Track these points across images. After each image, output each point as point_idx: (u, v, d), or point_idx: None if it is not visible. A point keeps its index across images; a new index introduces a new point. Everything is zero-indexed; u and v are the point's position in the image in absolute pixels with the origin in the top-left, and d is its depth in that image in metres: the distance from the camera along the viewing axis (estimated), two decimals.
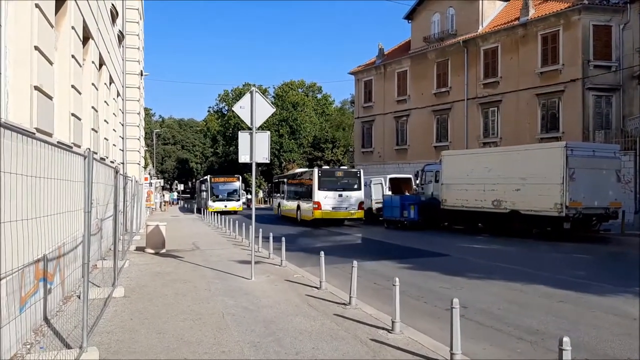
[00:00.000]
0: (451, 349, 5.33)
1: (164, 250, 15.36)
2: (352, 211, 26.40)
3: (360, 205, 26.64)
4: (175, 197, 66.92)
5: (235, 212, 39.23)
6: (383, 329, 6.77)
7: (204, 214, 36.61)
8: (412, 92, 37.39)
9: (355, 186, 26.80)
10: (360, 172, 27.87)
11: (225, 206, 39.88)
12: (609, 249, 16.91)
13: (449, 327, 5.40)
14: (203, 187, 45.59)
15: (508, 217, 20.45)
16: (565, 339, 4.09)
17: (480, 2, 33.26)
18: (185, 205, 60.86)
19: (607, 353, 6.17)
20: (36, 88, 6.86)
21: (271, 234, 14.69)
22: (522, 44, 29.88)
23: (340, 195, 26.32)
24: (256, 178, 55.51)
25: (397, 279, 6.71)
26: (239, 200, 41.67)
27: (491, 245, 17.80)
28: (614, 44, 26.47)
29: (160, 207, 48.19)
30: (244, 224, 19.93)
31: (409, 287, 9.77)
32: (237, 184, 42.34)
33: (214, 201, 40.58)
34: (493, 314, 7.97)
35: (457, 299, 5.43)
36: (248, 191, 55.38)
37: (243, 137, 10.76)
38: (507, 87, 30.69)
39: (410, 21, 38.10)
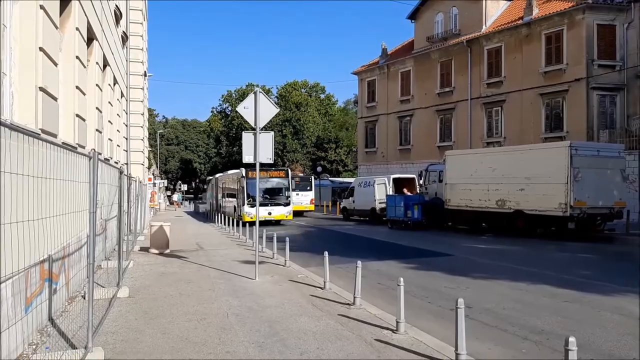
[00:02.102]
0: (456, 349, 5.32)
1: (168, 251, 15.39)
2: (305, 205, 38.18)
3: (312, 201, 38.89)
4: (179, 197, 66.91)
5: (278, 222, 28.52)
6: (387, 329, 6.76)
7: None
8: (415, 92, 37.35)
9: (308, 188, 39.00)
10: (311, 177, 41.49)
11: (270, 213, 27.52)
12: (614, 248, 16.85)
13: (453, 327, 5.39)
14: (228, 187, 32.76)
15: (512, 217, 20.40)
16: (572, 339, 4.08)
17: (484, 1, 33.21)
18: (194, 208, 54.67)
19: (612, 353, 6.15)
20: (41, 89, 6.88)
21: (275, 234, 14.69)
22: (525, 43, 29.80)
23: (298, 194, 36.72)
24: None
25: (401, 279, 6.70)
26: (288, 204, 28.77)
27: (495, 245, 17.77)
28: (618, 43, 26.39)
29: (166, 207, 48.04)
30: (247, 224, 19.92)
31: (413, 287, 9.76)
32: (287, 181, 29.24)
33: (252, 205, 26.97)
34: (498, 314, 7.96)
35: (461, 298, 5.42)
36: None
37: (247, 138, 10.77)
38: (510, 86, 30.62)
39: (413, 21, 38.08)
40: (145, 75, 30.69)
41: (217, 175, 40.87)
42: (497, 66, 31.56)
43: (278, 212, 28.26)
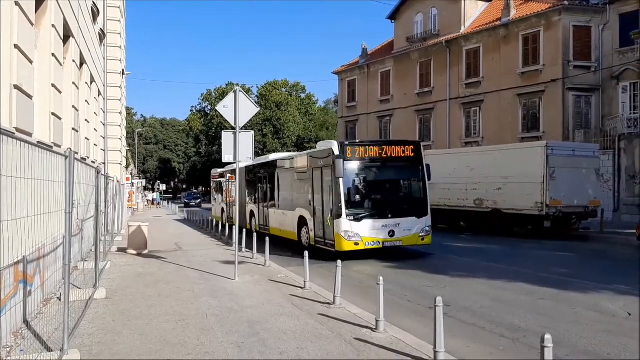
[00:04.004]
0: (434, 347, 5.37)
1: (146, 251, 15.22)
2: None
3: None
4: (158, 197, 66.00)
5: (398, 244, 14.16)
6: (367, 327, 6.79)
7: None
8: (395, 92, 37.55)
9: None
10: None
11: (392, 234, 13.83)
12: (589, 247, 17.15)
13: (432, 325, 5.44)
14: (289, 180, 17.48)
15: (490, 216, 20.65)
16: (547, 336, 4.14)
17: (463, 2, 33.51)
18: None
19: (587, 350, 6.26)
20: (16, 87, 6.76)
21: (255, 234, 14.63)
22: (503, 44, 30.15)
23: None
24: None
25: (381, 278, 6.75)
26: (424, 212, 14.55)
27: (474, 244, 17.95)
28: (593, 45, 26.84)
29: (144, 206, 47.27)
30: (226, 224, 19.80)
31: (393, 285, 9.81)
32: (418, 166, 14.77)
33: (355, 218, 13.54)
34: (476, 312, 8.04)
35: (440, 297, 5.47)
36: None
37: (227, 137, 10.72)
38: (489, 87, 30.95)
39: (393, 21, 38.26)
40: (123, 74, 30.36)
41: (245, 164, 19.05)
42: (476, 67, 31.87)
43: (406, 228, 13.96)
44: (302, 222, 15.83)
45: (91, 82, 16.68)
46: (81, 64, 14.23)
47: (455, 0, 33.69)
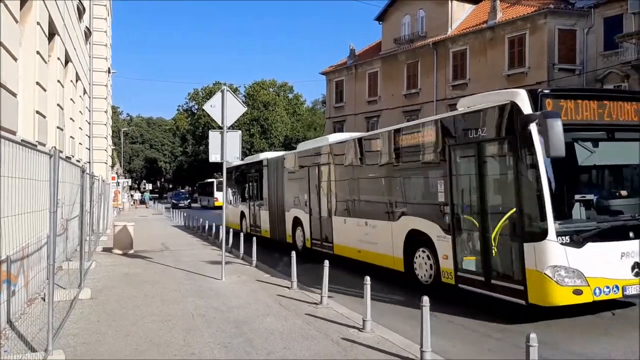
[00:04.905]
0: (421, 346, 5.38)
1: (132, 251, 15.10)
2: None
3: None
4: (147, 197, 65.31)
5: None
6: (354, 327, 6.79)
7: None
8: (382, 93, 37.65)
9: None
10: None
11: (637, 270, 6.93)
12: None
13: (419, 325, 5.45)
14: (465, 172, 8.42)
15: None
16: (533, 336, 4.17)
17: (450, 5, 33.70)
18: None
19: (573, 350, 6.32)
20: None
21: (242, 234, 14.57)
22: (490, 46, 30.39)
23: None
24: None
25: (367, 278, 6.76)
26: None
27: None
28: (578, 48, 27.15)
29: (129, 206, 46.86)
30: (214, 223, 19.71)
31: (380, 285, 9.82)
32: None
33: (573, 240, 6.75)
34: (462, 312, 8.08)
35: (427, 297, 5.49)
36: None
37: (214, 137, 10.68)
38: (475, 89, 31.01)
39: (381, 22, 38.36)
40: (109, 72, 30.12)
41: (286, 152, 17.50)
42: (462, 68, 32.08)
43: None
44: (414, 241, 9.77)
45: (76, 80, 16.53)
46: (66, 62, 14.09)
47: (443, 2, 33.88)
